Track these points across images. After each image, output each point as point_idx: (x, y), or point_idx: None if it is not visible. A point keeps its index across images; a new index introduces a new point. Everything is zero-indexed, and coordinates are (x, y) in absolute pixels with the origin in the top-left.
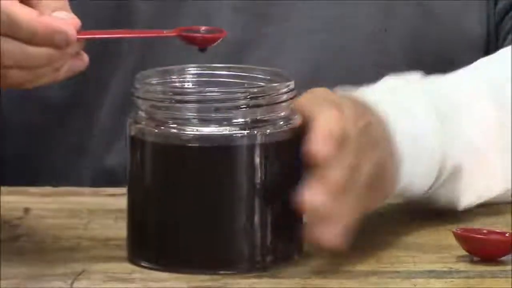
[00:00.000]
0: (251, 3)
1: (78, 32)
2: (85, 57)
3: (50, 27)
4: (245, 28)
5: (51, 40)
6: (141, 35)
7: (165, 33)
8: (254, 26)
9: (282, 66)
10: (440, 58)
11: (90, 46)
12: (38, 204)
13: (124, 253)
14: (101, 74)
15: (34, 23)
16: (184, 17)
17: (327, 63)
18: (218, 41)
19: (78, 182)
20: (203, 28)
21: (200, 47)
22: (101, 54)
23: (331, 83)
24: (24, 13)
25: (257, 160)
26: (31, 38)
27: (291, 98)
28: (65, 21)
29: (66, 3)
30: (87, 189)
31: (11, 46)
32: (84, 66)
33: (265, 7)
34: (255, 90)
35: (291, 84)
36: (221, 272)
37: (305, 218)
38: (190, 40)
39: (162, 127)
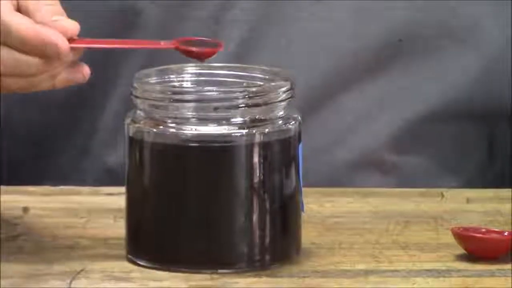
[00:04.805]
0: (258, 3)
1: (73, 40)
2: (86, 70)
3: (41, 38)
4: (252, 29)
5: (42, 51)
6: (138, 46)
7: (163, 44)
8: (261, 27)
9: (290, 68)
10: None
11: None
12: (37, 203)
13: (123, 252)
14: (106, 75)
15: (24, 32)
16: (191, 20)
17: (337, 67)
18: (215, 54)
19: (81, 182)
20: (201, 38)
21: (197, 60)
22: (106, 55)
23: (340, 88)
24: (17, 21)
25: (256, 159)
26: (22, 46)
27: (289, 98)
28: (58, 30)
29: (62, 10)
30: (86, 188)
31: (4, 54)
32: (84, 79)
33: (273, 7)
34: (254, 89)
35: (290, 83)
36: (220, 271)
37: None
38: (187, 53)
39: (161, 127)
